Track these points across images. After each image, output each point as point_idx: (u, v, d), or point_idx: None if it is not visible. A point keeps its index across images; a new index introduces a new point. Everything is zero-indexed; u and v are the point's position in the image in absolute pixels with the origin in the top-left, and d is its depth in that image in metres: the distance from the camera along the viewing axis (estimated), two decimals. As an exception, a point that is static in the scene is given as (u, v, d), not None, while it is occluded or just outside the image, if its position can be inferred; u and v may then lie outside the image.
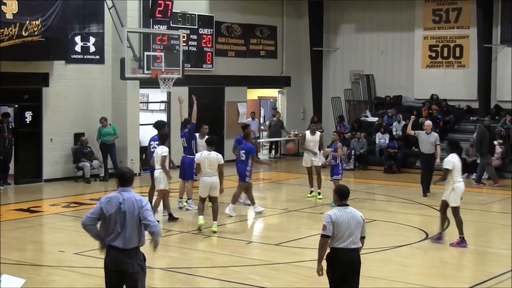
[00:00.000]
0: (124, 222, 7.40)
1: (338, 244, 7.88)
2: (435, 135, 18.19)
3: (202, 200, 14.07)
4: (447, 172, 12.81)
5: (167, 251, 12.52)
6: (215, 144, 13.94)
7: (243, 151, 15.39)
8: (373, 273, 9.65)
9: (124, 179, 7.58)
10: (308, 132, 17.80)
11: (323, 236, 7.91)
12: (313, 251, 12.67)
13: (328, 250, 7.98)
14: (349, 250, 7.87)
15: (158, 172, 14.52)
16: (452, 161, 12.87)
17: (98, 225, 7.55)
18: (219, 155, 13.73)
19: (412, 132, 18.31)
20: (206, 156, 13.70)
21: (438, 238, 13.14)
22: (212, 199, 13.95)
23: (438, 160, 17.82)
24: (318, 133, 17.73)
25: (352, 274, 7.94)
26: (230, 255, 12.21)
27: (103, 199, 7.54)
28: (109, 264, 7.47)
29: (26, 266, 11.06)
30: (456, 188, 12.79)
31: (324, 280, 9.53)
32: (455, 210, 12.94)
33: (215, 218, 13.87)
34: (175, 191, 16.59)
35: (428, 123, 18.64)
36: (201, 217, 13.94)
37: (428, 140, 18.09)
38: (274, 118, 26.89)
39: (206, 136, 15.71)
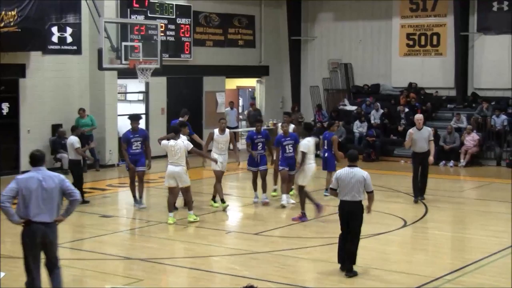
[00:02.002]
0: (48, 197, 8.06)
1: (342, 197, 10.04)
2: (428, 130, 15.94)
3: (171, 191, 13.66)
4: (304, 155, 13.68)
5: (147, 242, 12.51)
6: (179, 133, 13.62)
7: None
8: (352, 261, 9.73)
9: (36, 159, 8.22)
10: (279, 126, 16.61)
11: (330, 188, 10.49)
12: (292, 239, 12.79)
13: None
14: (349, 202, 9.99)
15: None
16: (308, 144, 13.82)
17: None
18: (185, 142, 13.45)
19: (409, 143, 15.94)
20: (172, 145, 13.41)
21: (302, 217, 13.78)
22: (183, 191, 13.79)
23: (431, 158, 15.94)
24: (291, 126, 16.47)
25: (352, 221, 10.01)
26: (209, 245, 12.23)
27: (21, 178, 8.14)
28: (34, 237, 8.14)
29: (5, 258, 10.99)
30: (307, 169, 13.67)
31: (302, 269, 9.58)
32: (301, 188, 13.82)
33: (190, 208, 13.76)
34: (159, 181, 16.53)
35: (419, 116, 16.17)
36: (170, 214, 13.64)
37: (421, 136, 15.71)
38: (251, 108, 26.86)
39: (227, 130, 15.30)
